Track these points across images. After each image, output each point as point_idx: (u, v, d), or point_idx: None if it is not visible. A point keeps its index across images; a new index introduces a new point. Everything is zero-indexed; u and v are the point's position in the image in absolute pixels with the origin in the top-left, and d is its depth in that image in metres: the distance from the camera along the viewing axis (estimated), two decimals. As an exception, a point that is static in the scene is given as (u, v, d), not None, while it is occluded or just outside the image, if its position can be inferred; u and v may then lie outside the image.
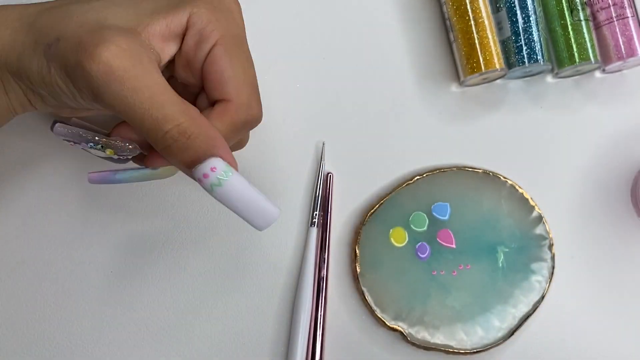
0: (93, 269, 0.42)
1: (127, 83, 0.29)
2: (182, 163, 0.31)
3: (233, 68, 0.32)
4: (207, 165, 0.30)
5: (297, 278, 0.43)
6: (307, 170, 0.44)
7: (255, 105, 0.33)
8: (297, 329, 0.41)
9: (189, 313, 0.42)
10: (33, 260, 0.42)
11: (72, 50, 0.30)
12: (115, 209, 0.42)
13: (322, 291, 0.42)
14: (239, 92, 0.32)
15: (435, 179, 0.43)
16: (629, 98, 0.45)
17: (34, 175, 0.42)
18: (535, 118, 0.45)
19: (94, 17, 0.31)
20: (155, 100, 0.29)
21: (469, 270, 0.42)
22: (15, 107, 0.34)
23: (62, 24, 0.31)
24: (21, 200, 0.42)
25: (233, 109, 0.32)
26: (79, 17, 0.31)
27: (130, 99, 0.29)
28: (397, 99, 0.44)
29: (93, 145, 0.34)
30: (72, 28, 0.31)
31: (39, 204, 0.42)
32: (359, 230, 0.43)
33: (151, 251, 0.42)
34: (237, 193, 0.31)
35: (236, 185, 0.30)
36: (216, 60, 0.32)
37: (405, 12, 0.45)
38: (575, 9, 0.42)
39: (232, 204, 0.31)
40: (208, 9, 0.32)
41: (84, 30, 0.30)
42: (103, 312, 0.42)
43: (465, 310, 0.42)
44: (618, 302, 0.44)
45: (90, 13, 0.32)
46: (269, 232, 0.43)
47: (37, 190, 0.42)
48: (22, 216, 0.42)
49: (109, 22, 0.31)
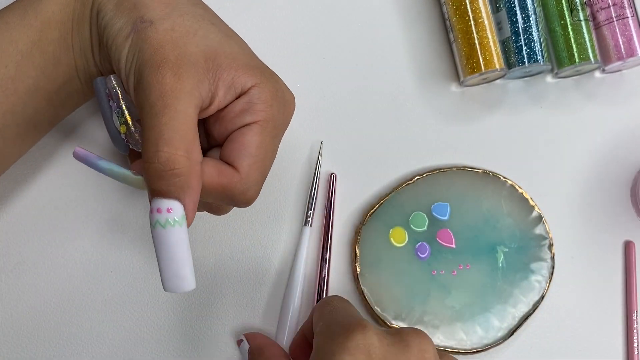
0: (93, 269, 0.42)
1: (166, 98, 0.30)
2: (150, 186, 0.30)
3: (258, 150, 0.33)
4: (166, 203, 0.30)
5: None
6: (307, 169, 0.44)
7: (253, 192, 0.34)
8: (283, 326, 0.41)
9: (189, 313, 0.42)
10: (33, 260, 0.42)
11: (153, 47, 0.31)
12: (115, 209, 0.42)
13: (323, 292, 0.42)
14: (250, 172, 0.33)
15: (435, 179, 0.43)
16: (629, 98, 0.45)
17: (34, 175, 0.42)
18: (535, 118, 0.45)
19: (189, 23, 0.32)
20: (173, 124, 0.30)
21: (469, 270, 0.42)
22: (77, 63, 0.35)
23: (158, 9, 0.32)
24: (21, 200, 0.42)
25: (236, 179, 0.32)
26: (177, 17, 0.33)
27: (156, 107, 0.30)
28: (397, 99, 0.44)
29: (119, 109, 0.34)
30: (167, 23, 0.32)
31: (39, 204, 0.42)
32: (359, 230, 0.43)
33: (151, 251, 0.42)
34: (171, 244, 0.30)
35: (177, 236, 0.30)
36: (249, 133, 0.33)
37: (405, 12, 0.45)
38: (575, 9, 0.43)
39: (161, 249, 0.30)
40: (270, 90, 0.33)
41: (173, 36, 0.32)
42: (103, 312, 0.42)
43: (465, 310, 0.42)
44: (618, 302, 0.44)
45: (187, 17, 0.33)
46: (267, 230, 0.43)
47: (37, 190, 0.42)
48: (22, 216, 0.42)
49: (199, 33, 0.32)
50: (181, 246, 0.30)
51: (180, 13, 0.33)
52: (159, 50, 0.31)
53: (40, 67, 0.34)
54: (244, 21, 0.37)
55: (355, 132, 0.44)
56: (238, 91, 0.33)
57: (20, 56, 0.33)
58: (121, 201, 0.42)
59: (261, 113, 0.33)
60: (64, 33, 0.34)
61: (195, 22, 0.33)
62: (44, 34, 0.34)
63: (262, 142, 0.33)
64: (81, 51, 0.35)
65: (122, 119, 0.34)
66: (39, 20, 0.34)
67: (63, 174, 0.42)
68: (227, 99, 0.33)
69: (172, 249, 0.30)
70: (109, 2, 0.33)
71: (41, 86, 0.34)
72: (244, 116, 0.33)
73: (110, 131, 0.35)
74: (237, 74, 0.33)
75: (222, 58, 0.33)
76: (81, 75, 0.36)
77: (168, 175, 0.29)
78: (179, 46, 0.31)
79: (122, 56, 0.32)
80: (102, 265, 0.42)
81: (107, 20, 0.33)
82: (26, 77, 0.34)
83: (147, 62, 0.31)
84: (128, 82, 0.32)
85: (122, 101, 0.34)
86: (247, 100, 0.33)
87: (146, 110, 0.30)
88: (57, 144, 0.42)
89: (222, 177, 0.32)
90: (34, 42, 0.34)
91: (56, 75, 0.35)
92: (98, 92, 0.35)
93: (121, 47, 0.32)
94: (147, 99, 0.30)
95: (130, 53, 0.32)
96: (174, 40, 0.31)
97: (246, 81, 0.33)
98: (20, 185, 0.42)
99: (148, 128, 0.30)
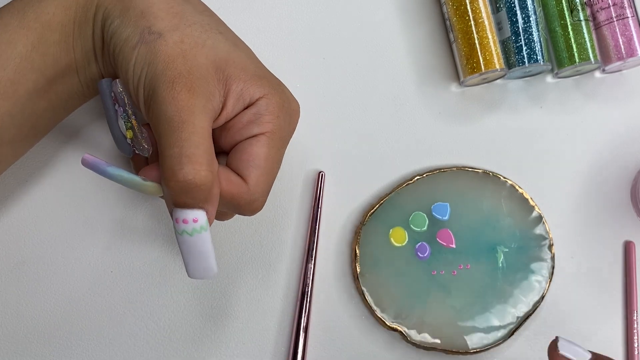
0: (93, 269, 0.42)
1: (183, 113, 0.30)
2: (175, 200, 0.31)
3: (266, 162, 0.34)
4: (192, 214, 0.31)
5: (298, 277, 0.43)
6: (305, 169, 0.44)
7: (260, 203, 0.35)
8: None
9: (189, 312, 0.42)
10: (33, 260, 0.42)
11: (164, 62, 0.31)
12: (115, 209, 0.42)
13: (307, 295, 0.42)
14: (258, 183, 0.33)
15: (435, 179, 0.43)
16: (629, 98, 0.45)
17: (34, 175, 0.42)
18: (535, 118, 0.45)
19: (197, 34, 0.33)
20: (194, 139, 0.30)
21: (469, 270, 0.42)
22: (78, 64, 0.35)
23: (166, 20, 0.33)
24: (21, 200, 0.42)
25: (243, 190, 0.33)
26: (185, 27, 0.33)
27: (174, 123, 0.30)
28: (397, 99, 0.44)
29: (125, 115, 0.34)
30: (176, 35, 0.32)
31: (39, 205, 0.42)
32: (359, 230, 0.43)
33: (151, 251, 0.42)
34: (197, 246, 0.32)
35: (202, 240, 0.32)
36: (257, 145, 0.34)
37: (405, 12, 0.45)
38: (575, 9, 0.42)
39: (187, 251, 0.32)
40: (277, 101, 0.34)
41: (183, 48, 0.32)
42: (103, 312, 0.42)
43: (465, 310, 0.42)
44: (618, 302, 0.44)
45: (195, 27, 0.33)
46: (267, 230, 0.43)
47: (37, 190, 0.42)
48: (22, 216, 0.42)
49: (207, 44, 0.33)
50: (206, 245, 0.32)
51: (188, 23, 0.33)
52: (170, 65, 0.31)
53: (40, 70, 0.34)
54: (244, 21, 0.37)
55: (355, 131, 0.44)
56: (246, 102, 0.34)
57: (20, 59, 0.33)
58: (122, 202, 0.42)
59: (269, 125, 0.34)
60: (65, 35, 0.34)
61: (203, 32, 0.33)
62: (44, 36, 0.34)
63: (269, 153, 0.34)
64: (83, 53, 0.35)
65: (129, 124, 0.34)
66: (39, 22, 0.33)
67: (63, 175, 0.42)
68: (236, 110, 0.34)
69: (198, 249, 0.32)
70: (114, 8, 0.33)
71: (40, 88, 0.34)
72: (251, 127, 0.34)
73: (114, 134, 0.35)
74: (246, 85, 0.33)
75: (232, 68, 0.33)
76: (82, 77, 0.36)
77: (193, 190, 0.30)
78: (189, 59, 0.31)
79: (129, 66, 0.32)
80: (102, 265, 0.42)
81: (115, 27, 0.33)
82: (25, 80, 0.33)
83: (159, 77, 0.31)
84: (137, 95, 0.32)
85: (128, 106, 0.34)
86: (254, 112, 0.34)
87: (163, 126, 0.30)
88: (58, 146, 0.42)
89: (231, 187, 0.33)
90: (34, 45, 0.33)
91: (56, 77, 0.35)
92: (103, 94, 0.35)
93: (128, 57, 0.32)
94: (164, 114, 0.30)
95: (138, 65, 0.32)
96: (184, 53, 0.32)
97: (255, 92, 0.33)
98: (21, 185, 0.42)
99: (168, 144, 0.30)
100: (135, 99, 0.33)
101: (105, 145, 0.42)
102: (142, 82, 0.32)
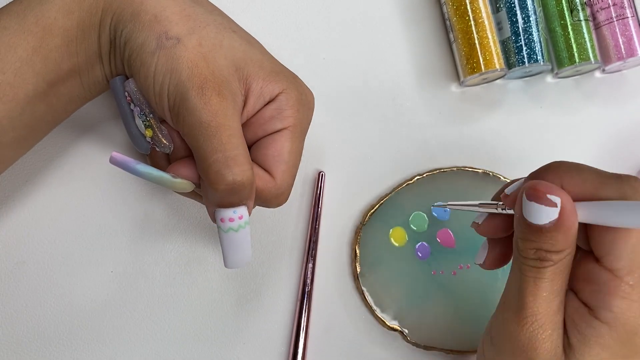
0: (93, 269, 0.42)
1: (218, 117, 0.31)
2: (221, 201, 0.32)
3: (290, 155, 0.35)
4: (237, 212, 0.33)
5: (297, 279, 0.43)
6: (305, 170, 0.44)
7: (285, 196, 0.36)
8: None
9: (189, 312, 0.42)
10: (33, 260, 0.42)
11: (188, 68, 0.32)
12: (114, 209, 0.42)
13: (305, 304, 0.42)
14: (284, 177, 0.35)
15: (435, 179, 0.43)
16: (629, 98, 0.45)
17: (34, 175, 0.42)
18: (535, 118, 0.45)
19: (213, 35, 0.33)
20: (233, 142, 0.31)
21: (469, 270, 0.42)
22: (80, 68, 0.35)
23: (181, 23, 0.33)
24: (21, 200, 0.42)
25: (270, 185, 0.34)
26: (201, 30, 0.33)
27: (211, 129, 0.31)
28: (397, 99, 0.44)
29: (143, 114, 0.35)
30: (194, 39, 0.32)
31: (39, 204, 0.42)
32: (359, 230, 0.43)
33: (151, 251, 0.42)
34: (240, 240, 0.33)
35: (245, 233, 0.33)
36: (280, 139, 0.35)
37: (405, 12, 0.45)
38: (575, 9, 0.43)
39: (230, 245, 0.34)
40: (296, 95, 0.35)
41: (202, 51, 0.32)
42: (103, 312, 0.42)
43: (465, 310, 0.42)
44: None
45: (210, 29, 0.33)
46: (267, 230, 0.43)
47: (37, 190, 0.42)
48: (22, 216, 0.42)
49: (224, 44, 0.33)
50: (248, 237, 0.34)
51: (202, 25, 0.33)
52: (194, 70, 0.32)
53: (40, 74, 0.33)
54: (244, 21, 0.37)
55: (355, 132, 0.44)
56: (267, 99, 0.34)
57: (20, 63, 0.33)
58: (122, 202, 0.42)
59: (290, 119, 0.35)
60: (67, 40, 0.34)
61: (218, 32, 0.33)
62: (45, 40, 0.33)
63: (293, 147, 0.35)
64: (86, 57, 0.35)
65: (147, 122, 0.35)
66: (40, 26, 0.33)
67: (63, 175, 0.42)
68: (256, 107, 0.34)
69: (240, 243, 0.34)
70: (124, 12, 0.33)
71: (41, 92, 0.34)
72: (274, 122, 0.35)
73: (131, 132, 0.36)
74: (265, 82, 0.34)
75: (250, 67, 0.34)
76: (84, 80, 0.36)
77: (240, 190, 0.32)
78: (210, 62, 0.32)
79: (149, 73, 0.32)
80: (102, 265, 0.42)
81: (128, 33, 0.33)
82: (25, 84, 0.33)
83: (185, 84, 0.31)
84: (161, 102, 0.33)
85: (145, 105, 0.35)
86: (275, 107, 0.35)
87: (200, 132, 0.31)
88: (58, 146, 0.42)
89: (260, 181, 0.34)
90: (35, 49, 0.33)
91: (57, 81, 0.34)
92: (117, 93, 0.35)
93: (147, 63, 0.32)
94: (199, 120, 0.31)
95: (159, 72, 0.32)
96: (204, 56, 0.32)
97: (274, 88, 0.34)
98: (21, 185, 0.42)
99: (211, 150, 0.31)
100: (158, 105, 0.33)
101: (107, 139, 0.42)
102: (165, 89, 0.32)
